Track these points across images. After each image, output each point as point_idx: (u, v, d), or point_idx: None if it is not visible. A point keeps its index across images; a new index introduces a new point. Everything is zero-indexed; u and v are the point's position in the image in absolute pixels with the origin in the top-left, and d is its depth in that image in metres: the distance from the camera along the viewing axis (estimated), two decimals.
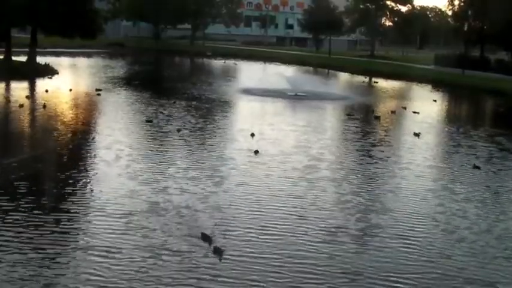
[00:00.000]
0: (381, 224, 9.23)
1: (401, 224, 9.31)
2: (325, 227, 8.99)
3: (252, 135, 16.07)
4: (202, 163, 12.80)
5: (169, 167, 12.23)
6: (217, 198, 10.16)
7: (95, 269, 7.05)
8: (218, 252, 7.57)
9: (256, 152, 13.78)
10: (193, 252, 7.66)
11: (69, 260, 7.31)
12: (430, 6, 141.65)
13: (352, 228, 8.98)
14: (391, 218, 9.57)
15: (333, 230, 8.86)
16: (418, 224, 9.34)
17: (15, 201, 9.42)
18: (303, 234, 8.62)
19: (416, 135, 17.69)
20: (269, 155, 13.78)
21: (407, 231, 8.95)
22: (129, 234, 8.22)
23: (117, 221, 8.74)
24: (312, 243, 8.24)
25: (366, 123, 20.84)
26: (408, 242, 8.50)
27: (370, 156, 14.60)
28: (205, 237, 8.02)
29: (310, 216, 9.43)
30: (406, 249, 8.19)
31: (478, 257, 8.08)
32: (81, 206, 9.42)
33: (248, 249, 7.89)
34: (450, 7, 55.06)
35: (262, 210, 9.67)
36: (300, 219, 9.25)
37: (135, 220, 8.81)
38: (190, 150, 14.42)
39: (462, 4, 52.59)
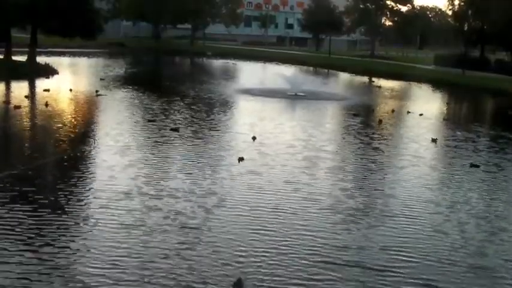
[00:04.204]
0: (389, 208, 10.26)
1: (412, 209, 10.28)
2: (339, 208, 10.02)
3: (254, 138, 15.68)
4: (209, 157, 13.43)
5: (181, 161, 12.92)
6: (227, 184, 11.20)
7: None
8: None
9: (241, 159, 13.13)
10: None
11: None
12: (430, 6, 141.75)
13: (365, 211, 9.98)
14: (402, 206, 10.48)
15: (348, 211, 9.86)
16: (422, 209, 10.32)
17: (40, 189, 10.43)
18: (315, 214, 9.67)
19: (434, 141, 16.83)
20: (273, 152, 13.99)
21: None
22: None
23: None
24: (327, 222, 9.34)
25: (374, 125, 20.44)
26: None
27: (380, 150, 14.71)
28: (239, 283, 7.04)
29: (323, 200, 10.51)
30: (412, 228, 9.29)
31: (472, 234, 9.14)
32: (109, 192, 10.27)
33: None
34: (450, 7, 55.06)
35: (276, 195, 10.66)
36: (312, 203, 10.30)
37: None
38: (194, 146, 14.60)
39: (462, 4, 52.56)
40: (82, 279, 6.85)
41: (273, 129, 17.95)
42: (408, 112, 23.42)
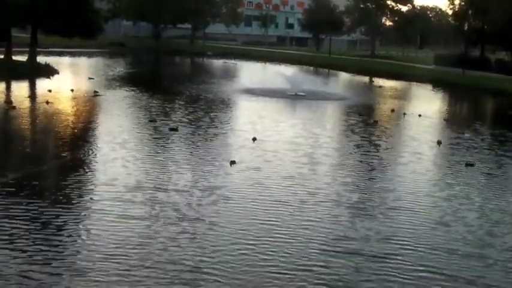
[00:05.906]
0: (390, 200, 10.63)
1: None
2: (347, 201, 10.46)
3: (254, 139, 15.50)
4: (209, 156, 13.55)
5: (181, 160, 13.08)
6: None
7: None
8: None
9: (233, 162, 12.87)
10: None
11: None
12: (431, 6, 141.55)
13: (369, 205, 10.35)
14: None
15: (359, 205, 10.27)
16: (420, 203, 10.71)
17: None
18: (317, 207, 9.97)
19: (439, 143, 16.61)
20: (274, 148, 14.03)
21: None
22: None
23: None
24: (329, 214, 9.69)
25: (373, 124, 20.39)
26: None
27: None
28: None
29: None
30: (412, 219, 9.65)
31: (467, 225, 9.49)
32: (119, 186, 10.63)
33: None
34: (450, 7, 55.09)
35: (276, 189, 10.95)
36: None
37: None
38: (194, 145, 14.72)
39: (462, 4, 52.58)
40: (83, 269, 7.03)
41: (273, 127, 18.03)
42: (404, 114, 23.29)
